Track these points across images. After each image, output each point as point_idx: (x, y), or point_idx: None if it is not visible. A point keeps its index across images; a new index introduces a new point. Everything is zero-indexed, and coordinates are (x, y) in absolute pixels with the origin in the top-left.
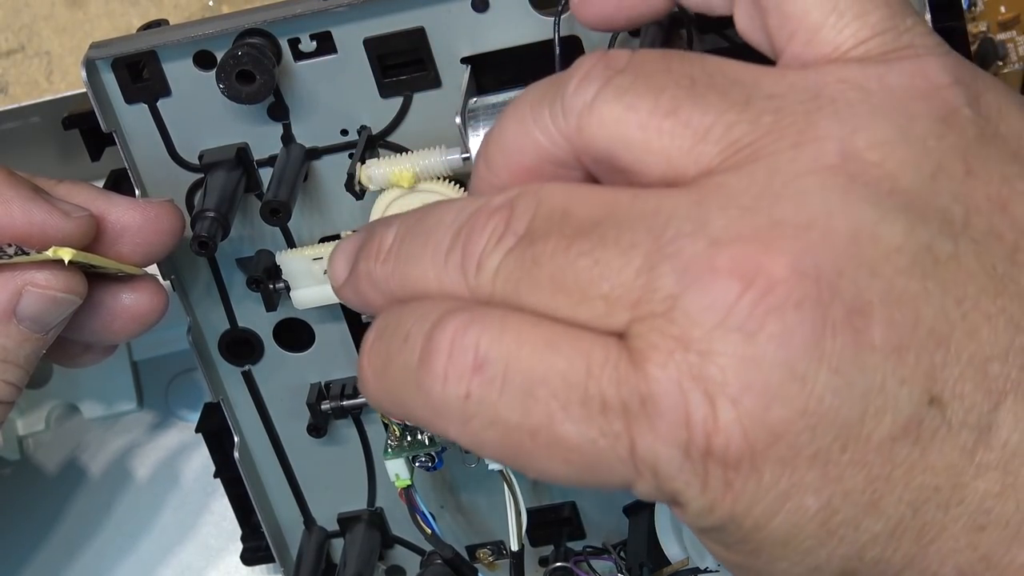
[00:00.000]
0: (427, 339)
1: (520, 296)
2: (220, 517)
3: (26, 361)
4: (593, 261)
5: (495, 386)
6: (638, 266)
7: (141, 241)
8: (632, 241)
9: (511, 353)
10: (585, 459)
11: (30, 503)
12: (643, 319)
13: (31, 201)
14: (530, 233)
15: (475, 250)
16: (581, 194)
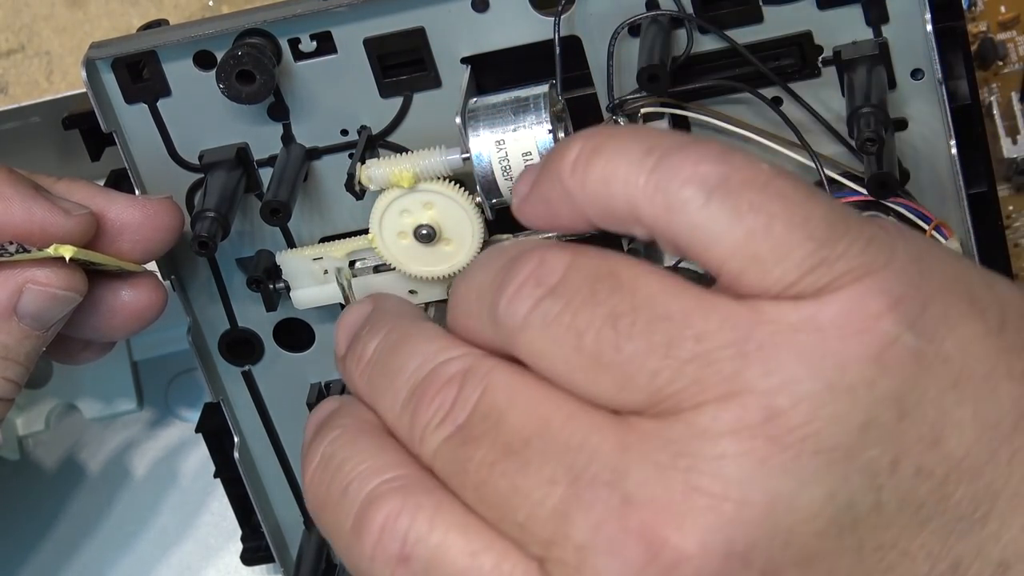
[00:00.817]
0: (362, 510)
1: (452, 486)
2: (220, 517)
3: (26, 358)
4: (514, 488)
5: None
6: (553, 506)
7: (141, 238)
8: (552, 476)
9: (436, 553)
10: None
11: (30, 503)
12: (554, 562)
13: (31, 199)
14: (467, 428)
15: (421, 421)
16: (522, 398)
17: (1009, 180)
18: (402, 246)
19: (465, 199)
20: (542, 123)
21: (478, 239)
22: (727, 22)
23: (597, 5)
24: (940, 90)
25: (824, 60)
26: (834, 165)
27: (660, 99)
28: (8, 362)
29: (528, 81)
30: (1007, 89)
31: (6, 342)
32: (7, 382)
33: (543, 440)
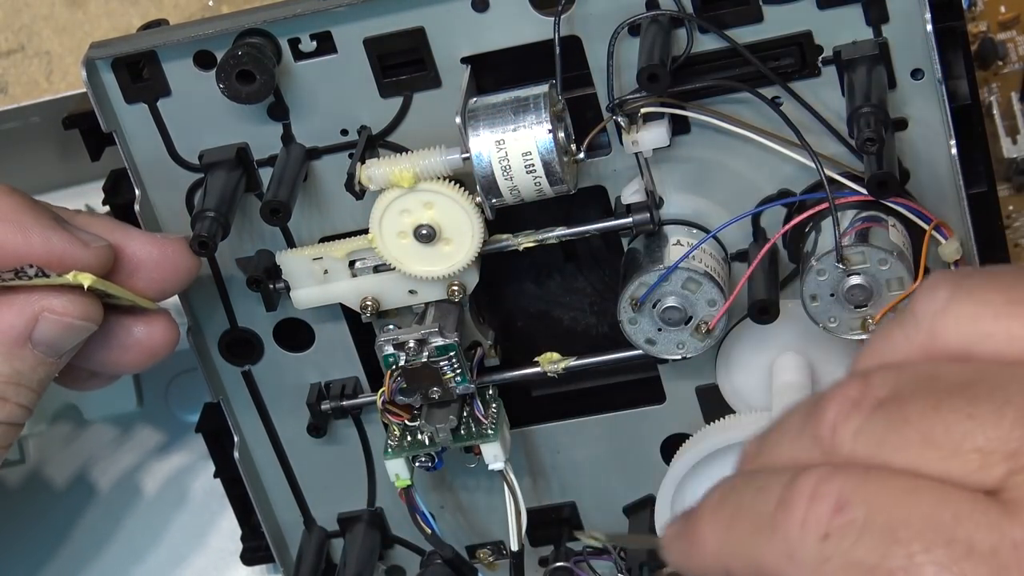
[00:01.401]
0: (787, 487)
1: (883, 454)
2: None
3: (39, 385)
4: (966, 416)
5: (855, 527)
6: (1013, 419)
7: (157, 276)
8: (1006, 398)
9: (874, 497)
10: None
11: (30, 502)
12: (1017, 472)
13: (51, 229)
14: (896, 395)
15: (829, 418)
16: (946, 364)
17: (1009, 180)
18: (402, 246)
19: (465, 199)
20: (542, 123)
21: (478, 239)
22: (727, 22)
23: (597, 5)
24: (940, 90)
25: (824, 60)
26: (834, 165)
27: (660, 99)
28: (21, 388)
29: (528, 81)
30: (1007, 89)
31: (20, 369)
32: (19, 408)
33: (986, 379)
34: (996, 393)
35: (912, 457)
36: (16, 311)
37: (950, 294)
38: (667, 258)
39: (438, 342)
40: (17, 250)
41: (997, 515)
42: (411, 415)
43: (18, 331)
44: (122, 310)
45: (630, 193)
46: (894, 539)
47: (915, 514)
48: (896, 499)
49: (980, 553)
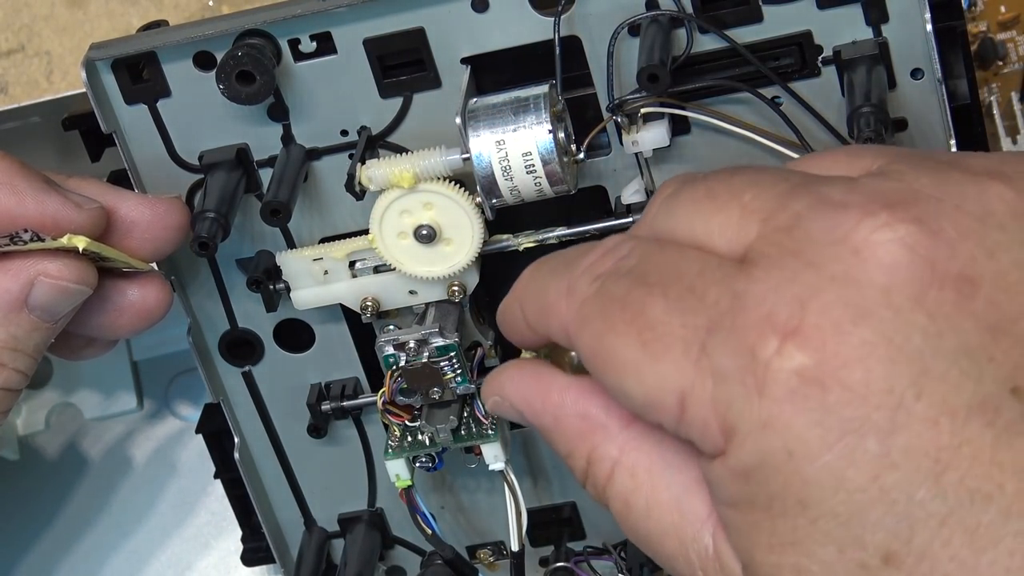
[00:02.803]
0: (594, 244)
1: (675, 204)
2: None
3: (35, 350)
4: (748, 180)
5: (622, 272)
6: (781, 190)
7: (150, 236)
8: (787, 176)
9: (647, 253)
10: (657, 343)
11: (30, 502)
12: (766, 235)
13: (43, 192)
14: (709, 172)
15: (659, 190)
16: (759, 167)
17: None
18: (402, 246)
19: (465, 199)
20: (542, 123)
21: (478, 239)
22: (727, 22)
23: (597, 5)
24: (940, 90)
25: (824, 60)
26: None
27: (660, 99)
28: (18, 353)
29: (528, 81)
30: (1007, 89)
31: (16, 333)
32: (16, 373)
33: (782, 167)
34: (782, 172)
35: (692, 208)
36: (11, 276)
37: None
38: None
39: (438, 342)
40: (11, 213)
41: (732, 271)
42: (411, 415)
43: (14, 296)
44: (116, 273)
45: (630, 193)
46: (643, 281)
47: (670, 267)
48: (662, 256)
49: (706, 302)
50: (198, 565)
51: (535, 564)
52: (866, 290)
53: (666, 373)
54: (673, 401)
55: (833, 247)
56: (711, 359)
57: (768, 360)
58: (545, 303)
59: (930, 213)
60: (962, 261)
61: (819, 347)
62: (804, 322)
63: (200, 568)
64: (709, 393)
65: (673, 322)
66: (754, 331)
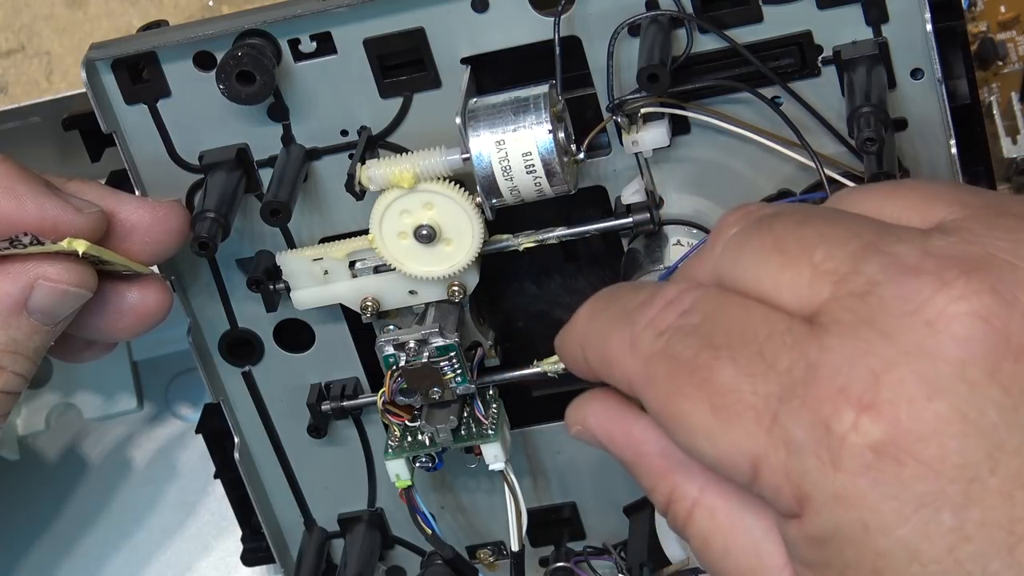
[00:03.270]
0: (653, 291)
1: (743, 255)
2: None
3: (35, 353)
4: (818, 233)
5: (686, 329)
6: (852, 250)
7: (150, 240)
8: (858, 232)
9: (712, 309)
10: (728, 410)
11: (30, 502)
12: (839, 298)
13: (44, 196)
14: (777, 213)
15: (721, 225)
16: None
17: (1009, 180)
18: (402, 246)
19: (465, 199)
20: (542, 123)
21: (478, 239)
22: (727, 22)
23: (597, 5)
24: (940, 90)
25: (824, 60)
26: (834, 165)
27: (660, 99)
28: (17, 356)
29: (528, 81)
30: (1007, 89)
31: (16, 337)
32: (16, 376)
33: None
34: (853, 226)
35: (760, 259)
36: (11, 279)
37: (849, 189)
38: (667, 258)
39: (438, 342)
40: (11, 217)
41: (804, 336)
42: (411, 415)
43: (14, 299)
44: (115, 276)
45: (630, 193)
46: (710, 342)
47: (736, 326)
48: (729, 313)
49: (778, 368)
50: (198, 565)
51: (535, 564)
52: (941, 364)
53: (738, 439)
54: (746, 465)
55: (908, 318)
56: (784, 429)
57: (843, 434)
58: (607, 353)
59: (1005, 282)
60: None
61: (894, 422)
62: (879, 397)
63: (200, 568)
64: (783, 462)
65: (744, 389)
66: (828, 404)
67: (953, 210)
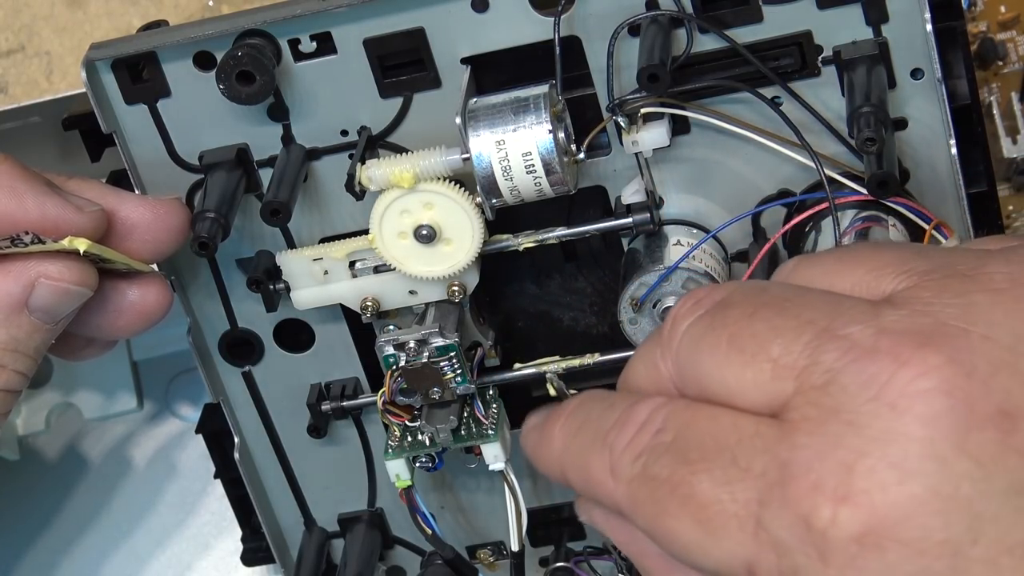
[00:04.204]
0: (627, 410)
1: (700, 353)
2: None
3: (35, 351)
4: (771, 327)
5: (661, 448)
6: (807, 340)
7: (150, 238)
8: (810, 318)
9: (683, 423)
10: (712, 523)
11: (30, 502)
12: (802, 392)
13: (44, 195)
14: (727, 300)
15: (672, 313)
16: (779, 282)
17: (1009, 180)
18: (402, 246)
19: (465, 199)
20: (542, 123)
21: (478, 239)
22: (727, 22)
23: (597, 5)
24: (940, 89)
25: (824, 60)
26: (834, 165)
27: (660, 99)
28: (18, 355)
29: (528, 81)
30: (1007, 89)
31: (17, 335)
32: (17, 374)
33: (805, 295)
34: (804, 312)
35: (720, 360)
36: (12, 278)
37: (795, 263)
38: (667, 258)
39: (438, 342)
40: (12, 216)
41: (774, 437)
42: (411, 415)
43: (15, 298)
44: (116, 274)
45: (630, 193)
46: (684, 459)
47: (708, 437)
48: (698, 426)
49: (753, 473)
50: (198, 565)
51: (535, 564)
52: (908, 446)
53: (729, 548)
54: (742, 571)
55: (870, 404)
56: (769, 532)
57: (824, 529)
58: (589, 478)
59: (961, 351)
60: (998, 396)
61: (870, 511)
62: (852, 488)
63: (200, 568)
64: (775, 564)
65: (724, 499)
66: (806, 502)
67: (901, 279)
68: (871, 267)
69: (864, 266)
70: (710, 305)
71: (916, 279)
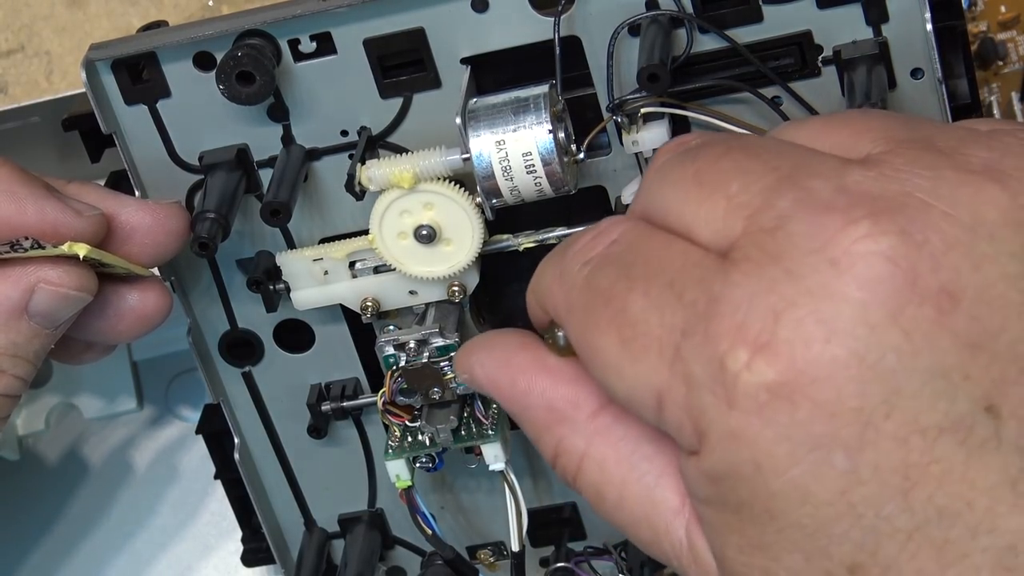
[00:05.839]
0: (592, 226)
1: (665, 186)
2: (219, 516)
3: (35, 357)
4: (737, 166)
5: (609, 259)
6: (768, 183)
7: (150, 242)
8: (777, 165)
9: (636, 239)
10: (635, 342)
11: (30, 502)
12: (749, 233)
13: (44, 199)
14: (701, 144)
15: (655, 157)
16: (760, 136)
17: None
18: (402, 246)
19: (465, 199)
20: (542, 123)
21: (478, 239)
22: (727, 22)
23: (597, 5)
24: (940, 90)
25: (824, 60)
26: None
27: (660, 99)
28: (18, 360)
29: (528, 81)
30: (1007, 89)
31: (16, 340)
32: (16, 379)
33: (773, 141)
34: (772, 159)
35: (680, 192)
36: (12, 283)
37: (784, 124)
38: None
39: (439, 343)
40: (11, 221)
41: (712, 270)
42: (412, 416)
43: (14, 303)
44: (115, 278)
45: (630, 193)
46: (627, 274)
47: (655, 259)
48: (650, 245)
49: (683, 301)
50: (199, 565)
51: (535, 564)
52: (841, 305)
53: (644, 373)
54: (651, 401)
55: (812, 256)
56: (685, 364)
57: (737, 372)
58: (543, 287)
59: (916, 222)
60: (945, 275)
61: (789, 364)
62: (775, 336)
63: (201, 569)
64: (684, 397)
65: (651, 321)
66: (725, 340)
67: (879, 143)
68: (855, 130)
69: (849, 128)
70: (687, 146)
71: (893, 145)
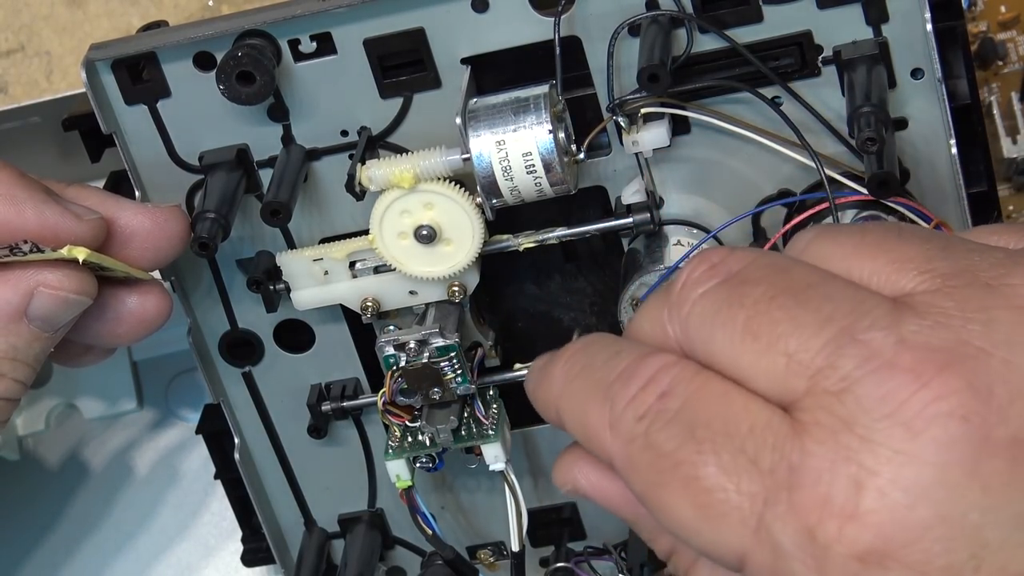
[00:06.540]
0: (633, 362)
1: (712, 329)
2: (219, 517)
3: (35, 360)
4: (790, 317)
5: (667, 415)
6: (827, 339)
7: (150, 245)
8: (831, 315)
9: (693, 393)
10: (712, 509)
11: (30, 503)
12: (815, 394)
13: (44, 203)
14: (745, 275)
15: (683, 275)
16: (801, 262)
17: (1009, 180)
18: (402, 246)
19: (465, 199)
20: (542, 123)
21: (478, 239)
22: (727, 22)
23: (597, 5)
24: (940, 89)
25: (824, 60)
26: (834, 165)
27: (660, 99)
28: (17, 363)
29: (528, 81)
30: (1007, 89)
31: (16, 344)
32: (15, 383)
33: (826, 286)
34: (824, 306)
35: (735, 341)
36: (11, 286)
37: (813, 235)
38: (667, 258)
39: (439, 343)
40: (11, 224)
41: (785, 435)
42: (412, 416)
43: (14, 306)
44: (115, 282)
45: (630, 193)
46: (691, 435)
47: (718, 418)
48: (709, 400)
49: (761, 468)
50: (199, 565)
51: (535, 564)
52: (921, 469)
53: (724, 536)
54: (733, 559)
55: (885, 421)
56: (770, 534)
57: (827, 543)
58: (587, 427)
59: (980, 374)
60: (1015, 424)
61: (876, 532)
62: (861, 506)
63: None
64: (769, 564)
65: (728, 488)
66: (813, 513)
67: (923, 279)
68: (893, 258)
69: (886, 256)
70: (725, 275)
71: (939, 282)
